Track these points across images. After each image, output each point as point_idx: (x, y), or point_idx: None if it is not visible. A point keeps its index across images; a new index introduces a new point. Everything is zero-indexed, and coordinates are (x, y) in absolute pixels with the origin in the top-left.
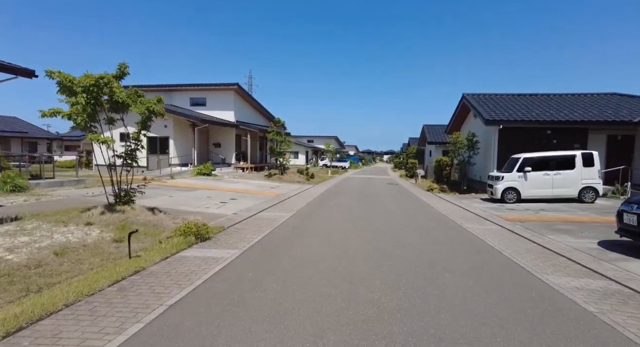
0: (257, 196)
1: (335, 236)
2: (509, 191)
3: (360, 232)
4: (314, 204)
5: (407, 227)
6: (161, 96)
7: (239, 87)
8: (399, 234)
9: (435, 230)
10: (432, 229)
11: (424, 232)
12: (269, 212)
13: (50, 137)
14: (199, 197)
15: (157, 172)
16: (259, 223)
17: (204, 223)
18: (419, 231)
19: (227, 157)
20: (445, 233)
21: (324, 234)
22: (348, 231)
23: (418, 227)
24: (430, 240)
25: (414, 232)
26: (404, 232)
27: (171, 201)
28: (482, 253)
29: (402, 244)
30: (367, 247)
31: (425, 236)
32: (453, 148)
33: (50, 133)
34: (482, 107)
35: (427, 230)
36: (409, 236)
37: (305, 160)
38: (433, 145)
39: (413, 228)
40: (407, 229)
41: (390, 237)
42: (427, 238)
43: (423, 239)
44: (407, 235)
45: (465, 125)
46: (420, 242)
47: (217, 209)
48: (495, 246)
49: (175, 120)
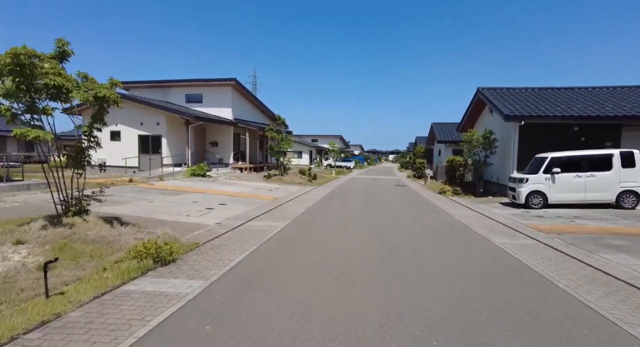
0: (251, 201)
1: (335, 257)
2: (534, 194)
3: (367, 253)
4: (313, 210)
5: (426, 246)
6: (117, 80)
7: (236, 83)
8: (417, 256)
9: (460, 249)
10: (456, 248)
11: (448, 254)
12: (260, 221)
13: None
14: (184, 202)
15: (147, 173)
16: (244, 237)
17: (168, 241)
18: (442, 251)
19: (225, 157)
20: (475, 253)
21: (321, 254)
22: (352, 250)
23: (438, 245)
24: (458, 265)
25: (436, 254)
26: (423, 256)
27: (148, 208)
28: (529, 283)
29: (423, 272)
30: (377, 281)
31: (451, 258)
32: (468, 147)
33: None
34: (500, 102)
35: (451, 249)
36: (430, 259)
37: (309, 160)
38: (443, 144)
39: (432, 247)
40: (427, 251)
41: (405, 260)
42: (455, 263)
43: (449, 262)
44: (428, 257)
45: (480, 122)
46: (446, 268)
47: (199, 217)
48: (542, 271)
49: (168, 118)
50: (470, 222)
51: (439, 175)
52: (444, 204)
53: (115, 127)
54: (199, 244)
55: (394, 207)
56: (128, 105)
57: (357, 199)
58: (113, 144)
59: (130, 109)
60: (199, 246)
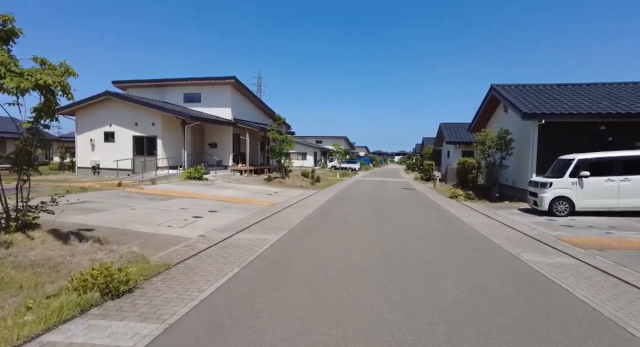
0: (245, 207)
1: (333, 282)
2: (559, 201)
3: (371, 276)
4: (313, 218)
5: (448, 270)
6: (71, 68)
7: (236, 81)
8: (435, 280)
9: (488, 271)
10: (482, 270)
11: (471, 276)
12: (250, 233)
13: (49, 138)
14: (170, 210)
15: (140, 176)
16: (228, 254)
17: (134, 261)
18: (463, 273)
19: (224, 158)
20: (507, 277)
21: (317, 279)
22: (355, 272)
23: (461, 267)
24: (493, 301)
25: (461, 279)
26: (443, 282)
27: (126, 216)
28: (588, 327)
29: (450, 319)
30: (383, 317)
31: (480, 288)
32: (482, 148)
33: (49, 134)
34: (518, 99)
35: (474, 269)
36: (455, 289)
37: (313, 162)
38: (452, 145)
39: (454, 269)
40: (446, 277)
41: (420, 290)
42: (488, 297)
43: (479, 295)
44: (448, 279)
45: (493, 121)
46: (473, 301)
47: (182, 228)
48: (600, 307)
49: (163, 118)
50: (490, 233)
51: (449, 177)
52: (457, 210)
53: (109, 128)
54: (169, 266)
55: (402, 214)
56: (122, 105)
57: (362, 204)
58: (107, 145)
59: (125, 109)
60: (169, 267)
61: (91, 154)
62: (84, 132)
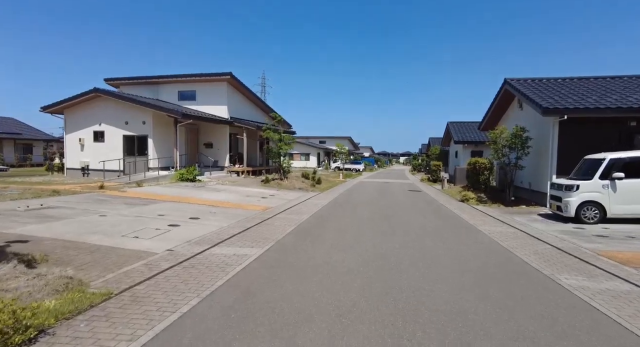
0: (234, 212)
1: (316, 331)
2: (588, 206)
3: (372, 314)
4: (306, 226)
5: (472, 302)
6: None
7: (232, 78)
8: (456, 321)
9: (523, 305)
10: (516, 304)
11: (502, 311)
12: (228, 247)
13: (47, 139)
14: (145, 217)
15: (127, 178)
16: (190, 277)
17: (24, 307)
18: (502, 315)
19: (220, 159)
20: (549, 316)
21: (300, 320)
22: (349, 327)
23: (489, 301)
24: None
25: (492, 320)
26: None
27: (89, 225)
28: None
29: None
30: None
31: (507, 322)
32: (495, 147)
33: (47, 134)
34: (536, 94)
35: (501, 298)
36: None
37: (316, 163)
38: (460, 145)
39: (481, 303)
40: (477, 316)
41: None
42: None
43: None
44: (475, 320)
45: (506, 119)
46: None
47: (150, 239)
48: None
49: (155, 116)
50: (513, 245)
51: (458, 179)
52: (471, 216)
53: (98, 127)
54: (110, 295)
55: (410, 223)
56: (112, 103)
57: (364, 209)
58: (97, 145)
59: (115, 107)
60: (108, 298)
61: (80, 155)
62: (72, 132)
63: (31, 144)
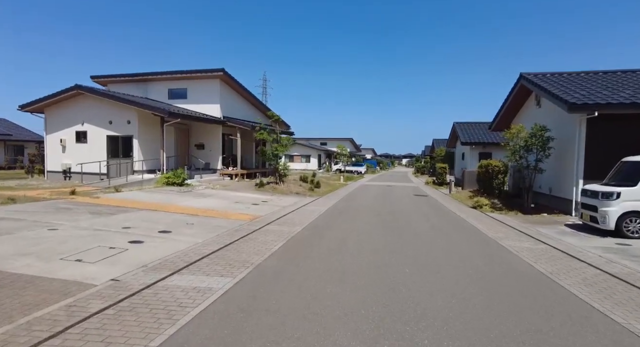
0: (216, 223)
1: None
2: (631, 217)
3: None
4: (297, 243)
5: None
6: None
7: (225, 74)
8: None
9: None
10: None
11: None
12: (192, 276)
13: (39, 140)
14: (106, 230)
15: (107, 182)
16: (121, 330)
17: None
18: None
19: (212, 161)
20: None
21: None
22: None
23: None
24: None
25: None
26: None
27: (21, 244)
28: None
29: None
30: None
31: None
32: (512, 148)
33: (39, 135)
34: (559, 89)
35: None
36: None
37: (317, 165)
38: (467, 146)
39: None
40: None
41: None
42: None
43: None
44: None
45: (521, 118)
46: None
47: (95, 263)
48: None
49: (140, 115)
50: (552, 270)
51: (467, 182)
52: (488, 226)
53: (81, 127)
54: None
55: (420, 236)
56: (95, 101)
57: (366, 218)
58: (79, 146)
59: (98, 106)
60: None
61: (62, 157)
62: (53, 132)
63: (22, 146)
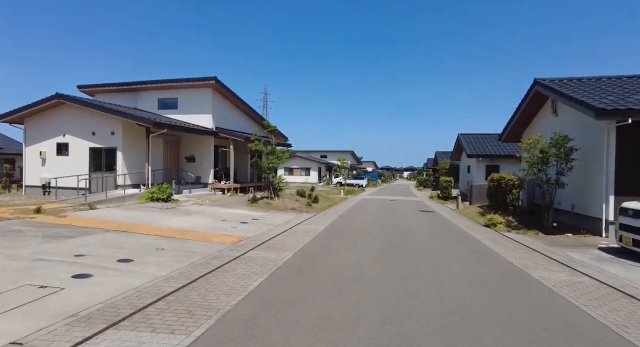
0: (190, 249)
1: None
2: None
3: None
4: (281, 279)
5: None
6: None
7: (217, 83)
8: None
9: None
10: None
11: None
12: (128, 333)
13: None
14: (48, 261)
15: (84, 198)
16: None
17: None
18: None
19: (204, 175)
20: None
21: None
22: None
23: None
24: None
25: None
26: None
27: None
28: None
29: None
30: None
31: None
32: (530, 160)
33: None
34: (582, 95)
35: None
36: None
37: (317, 178)
38: (473, 158)
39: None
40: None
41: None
42: None
43: None
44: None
45: (535, 128)
46: None
47: (4, 313)
48: None
49: (125, 126)
50: (617, 320)
51: (475, 197)
52: (510, 251)
53: (62, 139)
54: None
55: (434, 265)
56: (77, 110)
57: (368, 241)
58: (60, 159)
59: (81, 116)
60: None
61: (41, 170)
62: (33, 144)
63: (14, 159)
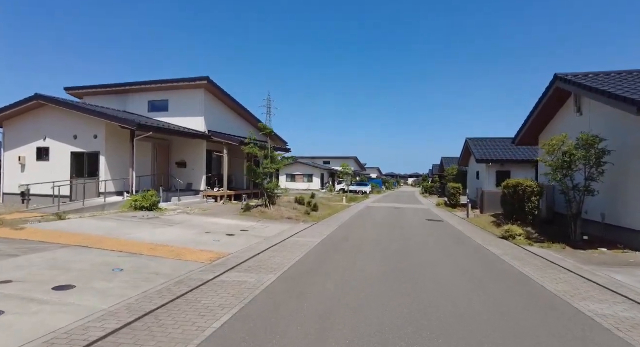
0: (154, 270)
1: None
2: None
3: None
4: (259, 313)
5: None
6: None
7: (210, 83)
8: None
9: None
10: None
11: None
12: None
13: None
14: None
15: (56, 207)
16: None
17: None
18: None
19: (195, 182)
20: None
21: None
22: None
23: None
24: None
25: None
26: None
27: None
28: None
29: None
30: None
31: None
32: (554, 163)
33: None
34: (616, 88)
35: None
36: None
37: (320, 184)
38: (483, 164)
39: None
40: None
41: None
42: None
43: None
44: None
45: (553, 129)
46: None
47: None
48: None
49: (108, 129)
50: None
51: (487, 205)
52: (538, 270)
53: (42, 143)
54: None
55: (449, 290)
56: (59, 112)
57: (370, 258)
58: (40, 165)
59: (63, 118)
60: None
61: (20, 177)
62: (12, 149)
63: None
